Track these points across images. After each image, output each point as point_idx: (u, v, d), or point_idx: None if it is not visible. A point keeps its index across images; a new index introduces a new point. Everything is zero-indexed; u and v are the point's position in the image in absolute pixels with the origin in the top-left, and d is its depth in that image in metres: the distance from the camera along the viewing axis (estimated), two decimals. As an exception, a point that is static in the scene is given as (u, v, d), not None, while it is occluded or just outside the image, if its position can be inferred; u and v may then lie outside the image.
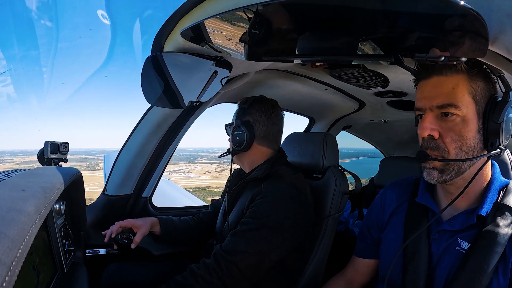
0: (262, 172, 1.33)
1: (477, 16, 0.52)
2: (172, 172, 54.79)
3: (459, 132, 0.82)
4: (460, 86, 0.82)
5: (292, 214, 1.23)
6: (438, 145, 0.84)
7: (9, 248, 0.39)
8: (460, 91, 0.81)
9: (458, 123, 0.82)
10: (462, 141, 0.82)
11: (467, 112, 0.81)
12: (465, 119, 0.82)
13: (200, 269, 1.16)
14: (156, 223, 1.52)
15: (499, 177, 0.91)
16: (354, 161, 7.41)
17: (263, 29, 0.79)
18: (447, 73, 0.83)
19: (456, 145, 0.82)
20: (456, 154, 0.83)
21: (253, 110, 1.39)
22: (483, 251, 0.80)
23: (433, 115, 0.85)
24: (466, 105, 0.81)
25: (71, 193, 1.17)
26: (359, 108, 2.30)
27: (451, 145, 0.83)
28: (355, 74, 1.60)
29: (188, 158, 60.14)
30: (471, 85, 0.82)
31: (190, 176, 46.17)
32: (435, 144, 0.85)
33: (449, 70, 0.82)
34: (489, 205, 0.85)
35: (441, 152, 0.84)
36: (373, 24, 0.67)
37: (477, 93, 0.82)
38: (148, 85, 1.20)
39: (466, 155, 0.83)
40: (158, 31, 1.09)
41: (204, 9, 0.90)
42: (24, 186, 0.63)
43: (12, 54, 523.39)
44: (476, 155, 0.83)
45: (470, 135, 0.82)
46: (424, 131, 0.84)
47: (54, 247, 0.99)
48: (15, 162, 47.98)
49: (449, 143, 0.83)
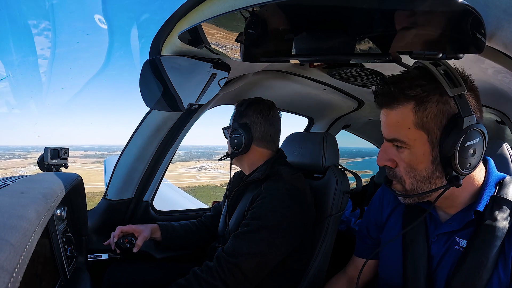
0: (262, 173, 1.33)
1: (474, 12, 0.53)
2: (201, 168, 54.63)
3: (410, 164, 0.82)
4: (405, 120, 0.79)
5: (292, 214, 1.23)
6: (396, 173, 0.85)
7: (11, 254, 0.39)
8: (404, 126, 0.79)
9: (407, 155, 0.82)
10: (414, 172, 0.82)
11: (415, 144, 0.80)
12: (413, 153, 0.81)
13: (203, 272, 1.16)
14: (157, 229, 1.52)
15: (494, 172, 0.90)
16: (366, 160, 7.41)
17: (260, 30, 0.79)
18: (393, 105, 0.81)
19: (410, 175, 0.83)
20: (411, 183, 0.83)
21: (249, 112, 1.39)
22: (482, 245, 0.79)
23: (388, 145, 0.85)
24: (413, 138, 0.79)
25: (72, 198, 1.17)
26: (358, 107, 2.31)
27: (406, 175, 0.83)
28: (353, 73, 1.60)
29: (204, 155, 60.33)
30: (417, 115, 0.78)
31: (220, 172, 46.31)
32: (393, 172, 0.86)
33: (396, 102, 0.80)
34: (486, 200, 0.84)
35: (399, 180, 0.85)
36: (371, 22, 0.67)
37: (427, 121, 0.78)
38: (146, 88, 1.20)
39: (421, 183, 0.82)
40: (155, 35, 1.09)
41: (201, 12, 0.91)
42: (25, 192, 0.63)
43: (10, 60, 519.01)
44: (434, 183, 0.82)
45: (421, 166, 0.81)
46: (378, 161, 0.86)
47: (56, 253, 0.98)
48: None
49: (404, 173, 0.84)
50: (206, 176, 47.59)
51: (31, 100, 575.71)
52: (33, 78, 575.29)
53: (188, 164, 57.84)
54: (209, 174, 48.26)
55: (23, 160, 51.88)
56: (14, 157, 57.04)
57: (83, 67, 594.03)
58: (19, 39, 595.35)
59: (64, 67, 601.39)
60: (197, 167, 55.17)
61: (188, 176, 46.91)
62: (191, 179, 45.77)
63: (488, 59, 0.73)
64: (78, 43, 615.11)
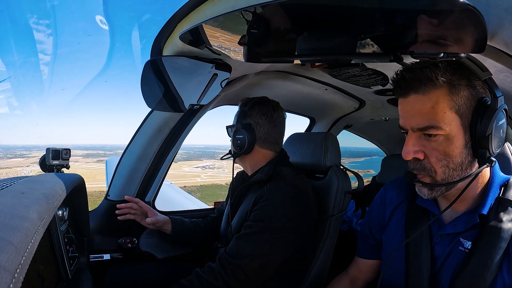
0: (264, 175, 1.32)
1: (475, 11, 0.52)
2: (204, 167, 54.68)
3: (444, 151, 0.79)
4: (440, 104, 0.77)
5: (295, 216, 1.22)
6: (424, 165, 0.82)
7: (13, 255, 0.39)
8: (441, 110, 0.77)
9: (442, 142, 0.79)
10: (448, 159, 0.79)
11: (451, 129, 0.77)
12: (449, 137, 0.78)
13: (206, 272, 1.17)
14: (168, 222, 1.56)
15: (499, 174, 0.89)
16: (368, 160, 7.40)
17: (261, 31, 0.79)
18: (425, 90, 0.78)
19: (443, 163, 0.80)
20: (443, 173, 0.80)
21: (253, 113, 1.39)
22: (487, 247, 0.78)
23: (415, 136, 0.81)
24: (449, 123, 0.77)
25: (74, 199, 1.17)
26: (360, 107, 2.30)
27: (437, 164, 0.80)
28: (354, 73, 1.59)
29: (206, 154, 60.59)
30: (452, 99, 0.77)
31: (224, 171, 46.47)
32: (421, 165, 0.82)
33: (427, 87, 0.77)
34: (491, 202, 0.83)
35: (428, 172, 0.82)
36: (372, 22, 0.67)
37: (461, 105, 0.77)
38: (148, 89, 1.20)
39: (454, 171, 0.80)
40: (156, 35, 1.09)
41: (202, 12, 0.91)
42: (26, 193, 0.63)
43: (11, 61, 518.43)
44: (465, 169, 0.80)
45: (456, 152, 0.79)
46: (408, 155, 0.82)
47: (58, 253, 0.99)
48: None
49: (435, 163, 0.80)
50: (211, 175, 47.62)
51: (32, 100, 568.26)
52: (35, 79, 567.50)
53: (192, 164, 57.98)
54: (213, 173, 48.29)
55: (26, 159, 52.17)
56: (16, 156, 57.35)
57: (84, 67, 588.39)
58: (21, 39, 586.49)
59: (65, 68, 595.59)
60: (200, 166, 55.31)
61: (193, 175, 47.00)
62: (196, 178, 45.86)
63: (489, 58, 0.73)
64: (79, 43, 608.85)
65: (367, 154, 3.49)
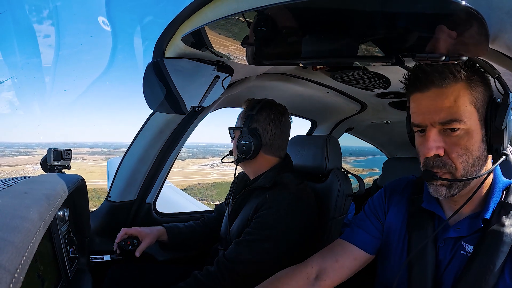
0: (268, 181, 1.30)
1: (477, 14, 0.52)
2: (213, 165, 54.40)
3: (465, 146, 0.78)
4: (462, 97, 0.77)
5: (296, 225, 1.22)
6: (445, 161, 0.80)
7: (13, 255, 0.39)
8: (463, 103, 0.77)
9: (463, 136, 0.78)
10: (468, 154, 0.79)
11: (471, 123, 0.78)
12: (469, 132, 0.78)
13: (204, 276, 1.17)
14: (164, 233, 1.52)
15: (501, 178, 0.89)
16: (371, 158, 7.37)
17: (264, 33, 0.79)
18: (447, 84, 0.77)
19: (463, 159, 0.79)
20: (463, 168, 0.80)
21: (261, 118, 1.35)
22: (489, 250, 0.78)
23: (436, 132, 0.80)
24: (469, 117, 0.77)
25: (75, 199, 1.18)
26: (361, 110, 2.30)
27: (458, 160, 0.79)
28: (356, 76, 1.59)
29: (211, 152, 60.59)
30: (472, 93, 0.78)
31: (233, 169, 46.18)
32: (441, 161, 0.81)
33: (448, 80, 0.77)
34: (493, 206, 0.83)
35: (449, 169, 0.80)
36: (374, 25, 0.67)
37: (478, 100, 0.78)
38: (150, 91, 1.21)
39: (472, 166, 0.80)
40: (159, 37, 1.09)
41: (204, 14, 0.91)
42: (27, 193, 0.63)
43: (14, 62, 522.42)
44: (482, 164, 0.81)
45: (475, 146, 0.79)
46: (430, 151, 0.80)
47: (59, 254, 0.99)
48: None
49: (456, 158, 0.79)
50: (221, 173, 47.31)
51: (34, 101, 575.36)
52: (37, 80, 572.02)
53: (199, 161, 57.79)
54: (223, 171, 48.07)
55: (31, 157, 52.20)
56: (21, 153, 57.43)
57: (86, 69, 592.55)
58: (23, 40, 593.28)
59: (67, 69, 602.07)
60: (208, 164, 55.11)
61: (203, 173, 46.74)
62: (207, 175, 45.66)
63: (491, 61, 0.73)
64: (81, 45, 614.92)
65: (369, 153, 3.51)
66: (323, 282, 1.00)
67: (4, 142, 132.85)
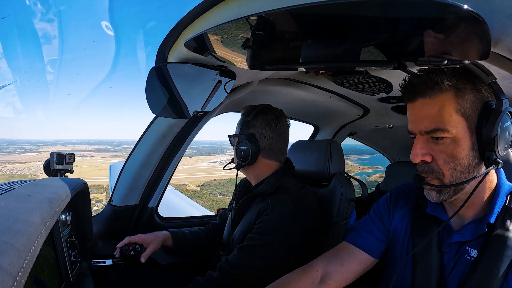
0: (270, 187, 1.30)
1: (479, 18, 0.52)
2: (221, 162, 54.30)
3: (451, 153, 0.80)
4: (446, 107, 0.79)
5: (299, 230, 1.22)
6: (432, 168, 0.83)
7: (15, 258, 0.39)
8: (447, 113, 0.79)
9: (449, 145, 0.80)
10: (455, 161, 0.80)
11: (457, 132, 0.79)
12: (455, 140, 0.79)
13: (206, 281, 1.17)
14: (169, 237, 1.52)
15: (505, 182, 0.89)
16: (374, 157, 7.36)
17: (266, 38, 0.79)
18: (431, 94, 0.80)
19: (450, 166, 0.81)
20: (451, 175, 0.81)
21: (257, 123, 1.36)
22: (493, 255, 0.78)
23: (423, 139, 0.83)
24: (455, 125, 0.79)
25: (77, 203, 1.18)
26: (364, 115, 2.30)
27: (445, 167, 0.81)
28: (358, 80, 1.60)
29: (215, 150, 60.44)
30: (458, 102, 0.79)
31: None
32: (429, 167, 0.84)
33: (433, 91, 0.79)
34: (498, 211, 0.83)
35: (436, 175, 0.83)
36: (376, 29, 0.68)
37: (467, 108, 0.79)
38: (152, 95, 1.21)
39: (461, 174, 0.81)
40: (161, 42, 1.10)
41: (206, 19, 0.91)
42: (30, 196, 0.63)
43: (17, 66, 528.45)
44: (472, 171, 0.81)
45: (463, 154, 0.80)
46: (416, 157, 0.83)
47: (61, 257, 0.99)
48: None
49: (443, 165, 0.82)
50: (232, 170, 46.37)
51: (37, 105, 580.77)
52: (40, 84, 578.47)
53: (207, 158, 57.48)
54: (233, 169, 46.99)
55: (38, 154, 52.06)
56: (26, 151, 57.42)
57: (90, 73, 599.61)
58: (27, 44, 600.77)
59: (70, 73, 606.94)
60: (217, 161, 54.98)
61: (215, 170, 46.53)
62: (219, 172, 45.55)
63: (493, 65, 0.73)
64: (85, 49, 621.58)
65: (372, 152, 3.58)
66: (328, 286, 1.00)
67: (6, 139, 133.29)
